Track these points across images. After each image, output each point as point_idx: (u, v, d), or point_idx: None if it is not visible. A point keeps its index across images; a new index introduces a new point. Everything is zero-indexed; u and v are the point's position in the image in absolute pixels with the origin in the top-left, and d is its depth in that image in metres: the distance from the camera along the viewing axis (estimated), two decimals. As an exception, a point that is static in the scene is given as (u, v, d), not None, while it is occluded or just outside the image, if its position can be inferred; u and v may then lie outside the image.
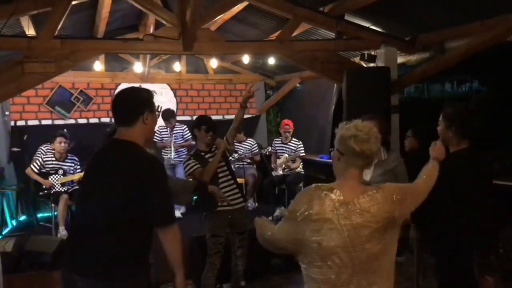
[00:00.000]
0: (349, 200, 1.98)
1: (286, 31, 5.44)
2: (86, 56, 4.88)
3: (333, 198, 1.98)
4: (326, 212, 1.95)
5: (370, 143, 2.02)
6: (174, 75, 8.54)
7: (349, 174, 2.06)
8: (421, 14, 5.14)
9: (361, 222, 1.96)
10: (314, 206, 1.96)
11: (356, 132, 2.01)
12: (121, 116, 2.36)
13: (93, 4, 5.64)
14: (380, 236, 1.99)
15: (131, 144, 2.31)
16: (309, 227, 1.96)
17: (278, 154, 7.18)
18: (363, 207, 1.98)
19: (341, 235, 1.94)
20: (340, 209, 1.96)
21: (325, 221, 1.95)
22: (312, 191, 2.02)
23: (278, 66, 8.14)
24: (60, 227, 5.83)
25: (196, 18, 4.58)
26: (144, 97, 2.39)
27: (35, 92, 7.47)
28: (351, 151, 2.02)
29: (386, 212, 2.00)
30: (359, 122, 2.08)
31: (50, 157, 6.22)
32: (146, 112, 2.33)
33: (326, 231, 1.94)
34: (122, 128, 2.35)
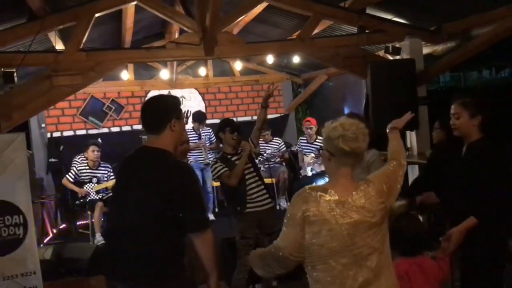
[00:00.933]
0: (344, 199, 1.99)
1: (307, 29, 5.42)
2: (111, 67, 5.00)
3: (328, 199, 1.98)
4: (323, 213, 1.95)
5: (359, 141, 2.01)
6: (201, 80, 8.63)
7: (341, 173, 2.05)
8: (445, 3, 5.01)
9: (359, 219, 1.97)
10: (310, 208, 1.96)
11: (343, 132, 2.00)
12: (149, 124, 2.40)
13: (117, 15, 5.78)
14: (378, 229, 2.01)
15: (161, 151, 2.34)
16: (308, 229, 1.96)
17: (304, 153, 7.14)
18: (358, 204, 1.99)
19: (341, 235, 1.95)
20: (336, 209, 1.96)
21: (323, 223, 1.95)
22: (307, 193, 2.01)
23: (304, 64, 8.10)
24: (97, 234, 6.01)
25: (215, 22, 4.63)
26: (170, 104, 2.43)
27: (68, 104, 7.72)
28: (340, 151, 2.01)
29: (380, 204, 2.03)
30: (345, 120, 2.06)
31: (84, 166, 6.42)
32: (174, 119, 2.36)
33: (326, 232, 1.95)
34: (151, 135, 2.39)
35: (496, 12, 4.61)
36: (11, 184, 4.24)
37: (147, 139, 2.44)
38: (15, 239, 4.22)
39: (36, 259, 4.37)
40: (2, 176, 4.19)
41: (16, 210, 4.22)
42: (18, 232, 4.23)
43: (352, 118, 3.08)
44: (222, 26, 5.02)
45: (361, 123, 2.07)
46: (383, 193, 2.06)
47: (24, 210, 4.28)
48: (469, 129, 2.95)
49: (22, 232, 4.26)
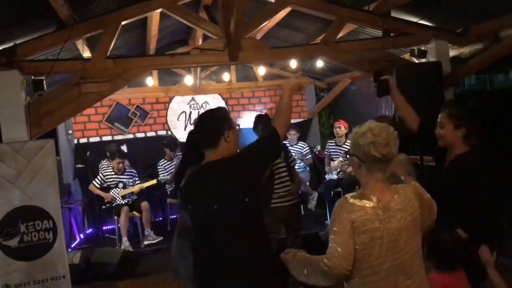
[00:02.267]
0: (387, 204, 1.95)
1: (331, 33, 5.39)
2: (137, 74, 5.07)
3: (373, 205, 1.93)
4: (372, 221, 1.90)
5: (390, 146, 1.95)
6: (225, 85, 8.68)
7: (375, 179, 1.99)
8: (471, 4, 4.93)
9: (403, 223, 1.93)
10: (358, 217, 1.90)
11: (374, 138, 1.94)
12: (205, 142, 2.42)
13: (142, 22, 5.86)
14: (417, 232, 1.99)
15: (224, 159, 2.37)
16: (358, 239, 1.89)
17: (332, 157, 7.08)
18: (400, 207, 1.95)
19: (389, 240, 1.90)
20: (382, 215, 1.91)
21: (373, 231, 1.89)
22: (350, 203, 1.94)
23: (327, 68, 8.07)
24: (123, 238, 6.08)
25: (239, 28, 4.65)
26: (219, 118, 2.43)
27: (94, 110, 7.85)
28: (372, 158, 1.95)
29: (417, 207, 2.00)
30: (374, 125, 1.99)
31: (110, 172, 6.51)
32: (226, 131, 2.38)
33: (376, 240, 1.89)
34: (209, 150, 2.41)
35: (526, 13, 4.52)
36: (41, 190, 4.33)
37: (206, 155, 2.44)
38: (45, 243, 4.31)
39: (65, 264, 4.45)
40: (33, 182, 4.30)
41: (46, 215, 4.32)
42: (48, 236, 4.33)
43: (381, 120, 3.07)
44: (246, 32, 5.04)
45: (390, 127, 2.00)
46: (417, 197, 2.04)
47: (54, 215, 4.37)
48: (453, 140, 2.93)
49: (52, 237, 4.35)
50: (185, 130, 8.53)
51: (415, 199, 2.02)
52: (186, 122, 8.60)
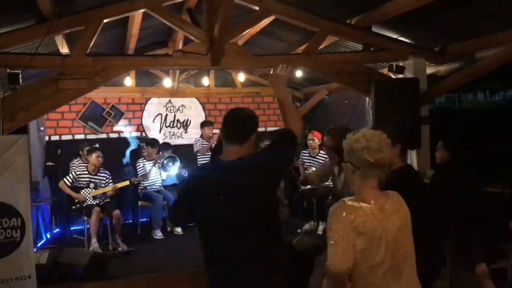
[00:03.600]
0: (382, 207, 2.00)
1: (313, 44, 5.46)
2: (117, 73, 5.01)
3: (370, 207, 1.97)
4: (371, 222, 1.94)
5: (383, 151, 2.00)
6: (203, 89, 8.65)
7: (369, 184, 2.03)
8: (450, 24, 5.08)
9: (399, 224, 1.99)
10: (358, 218, 1.94)
11: (367, 143, 1.99)
12: (237, 135, 2.39)
13: (124, 21, 5.79)
14: (410, 235, 2.04)
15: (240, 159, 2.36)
16: (359, 240, 1.92)
17: (306, 167, 7.12)
18: (394, 209, 2.01)
19: (386, 242, 1.94)
20: (379, 215, 1.96)
21: (372, 232, 1.93)
22: (349, 204, 1.99)
23: (305, 79, 8.14)
24: (93, 239, 5.94)
25: (223, 33, 4.64)
26: (254, 118, 2.47)
27: (68, 108, 7.67)
28: (365, 163, 1.99)
29: (407, 211, 2.07)
30: (367, 132, 2.05)
31: (83, 171, 6.37)
32: (255, 133, 2.42)
33: (375, 241, 1.93)
34: (233, 145, 2.38)
35: (502, 35, 4.69)
36: (11, 186, 4.20)
37: (226, 148, 2.41)
38: (12, 242, 4.17)
39: (32, 263, 4.32)
40: (2, 178, 4.15)
41: (15, 213, 4.18)
42: (15, 235, 4.19)
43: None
44: (229, 37, 5.05)
45: (383, 134, 2.05)
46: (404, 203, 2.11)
47: (23, 213, 4.24)
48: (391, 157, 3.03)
49: (19, 236, 4.21)
50: (160, 132, 8.45)
51: (404, 203, 2.08)
52: (161, 125, 8.51)
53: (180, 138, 8.58)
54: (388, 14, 4.88)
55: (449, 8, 4.60)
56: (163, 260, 5.55)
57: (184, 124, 8.66)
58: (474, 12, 4.63)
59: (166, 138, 8.41)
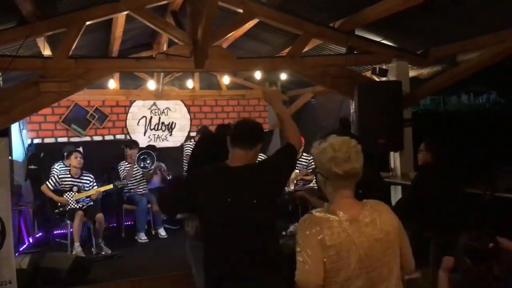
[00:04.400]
0: (354, 218, 1.85)
1: (297, 47, 5.47)
2: (99, 75, 4.97)
3: (339, 219, 1.83)
4: (339, 235, 1.80)
5: (352, 161, 1.85)
6: (188, 92, 8.63)
7: (342, 195, 1.90)
8: (432, 28, 5.14)
9: (373, 237, 1.83)
10: (324, 231, 1.81)
11: (334, 153, 1.85)
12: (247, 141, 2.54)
13: (107, 24, 5.75)
14: (392, 250, 1.88)
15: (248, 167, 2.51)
16: (325, 254, 1.79)
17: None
18: (369, 221, 1.86)
19: (359, 255, 1.80)
20: (349, 229, 1.82)
21: (340, 245, 1.80)
22: (316, 217, 1.87)
23: (290, 81, 8.16)
24: (76, 244, 5.87)
25: (207, 36, 4.64)
26: (262, 130, 2.67)
27: (51, 111, 7.60)
28: (334, 175, 1.86)
29: (390, 225, 1.89)
30: (335, 140, 1.90)
31: (66, 174, 6.30)
32: (261, 143, 2.59)
33: (344, 254, 1.79)
34: (240, 150, 2.52)
35: (482, 39, 4.76)
36: (-9, 190, 4.15)
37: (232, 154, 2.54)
38: (-8, 246, 4.12)
39: (12, 268, 4.27)
40: (-18, 182, 4.10)
41: (-5, 217, 4.12)
42: (-5, 239, 4.13)
43: (343, 131, 3.16)
44: (213, 40, 5.05)
45: (352, 141, 1.90)
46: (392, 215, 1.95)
47: (3, 217, 4.19)
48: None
49: (0, 239, 4.16)
50: (144, 135, 8.40)
51: (386, 215, 1.92)
52: (146, 127, 8.47)
53: (165, 141, 8.55)
54: (371, 17, 4.92)
55: (431, 13, 4.65)
56: (147, 264, 5.50)
57: (169, 127, 8.63)
58: (456, 16, 4.70)
59: (150, 141, 8.37)
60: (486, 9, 4.42)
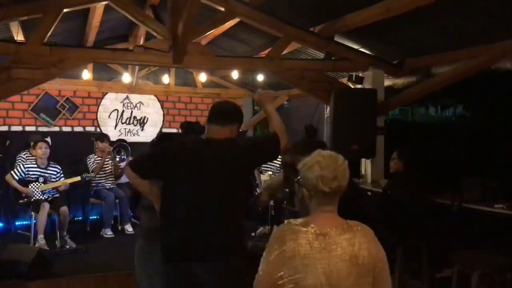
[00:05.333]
0: (325, 232, 1.80)
1: (276, 49, 5.49)
2: (74, 64, 4.86)
3: (307, 231, 1.80)
4: (301, 247, 1.77)
5: (339, 179, 1.83)
6: (162, 87, 8.52)
7: (324, 209, 1.88)
8: (409, 39, 5.24)
9: (338, 256, 1.77)
10: (287, 242, 1.78)
11: (321, 172, 1.82)
12: (220, 117, 2.63)
13: (84, 12, 5.63)
14: (362, 277, 1.78)
15: (225, 139, 2.60)
16: (284, 266, 1.76)
17: (261, 170, 7.16)
18: (340, 239, 1.80)
19: (318, 271, 1.74)
20: (314, 242, 1.78)
21: (300, 257, 1.76)
22: (285, 228, 1.85)
23: (266, 83, 8.17)
24: (39, 236, 5.71)
25: (188, 32, 4.59)
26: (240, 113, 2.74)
27: (20, 98, 7.37)
28: (320, 192, 1.84)
29: (368, 251, 1.80)
30: (321, 158, 1.86)
31: (32, 164, 6.12)
32: (237, 124, 2.67)
33: (302, 267, 1.75)
34: (216, 126, 2.61)
35: (457, 53, 4.87)
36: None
37: (208, 129, 2.63)
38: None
39: (-29, 259, 4.11)
40: None
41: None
42: (-45, 228, 3.97)
43: (310, 140, 3.19)
44: (193, 36, 5.00)
45: (340, 158, 1.89)
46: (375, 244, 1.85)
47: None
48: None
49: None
50: (115, 129, 8.25)
51: (368, 241, 1.83)
52: (117, 121, 8.32)
53: (136, 135, 8.43)
54: (351, 24, 4.98)
55: (409, 24, 4.75)
56: (112, 259, 5.39)
57: (141, 122, 8.51)
58: (432, 29, 4.81)
59: (121, 134, 8.23)
60: (460, 25, 4.53)
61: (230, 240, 2.53)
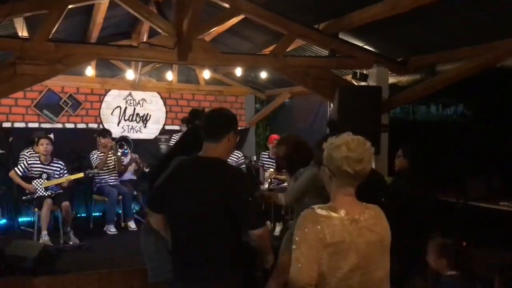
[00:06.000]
0: (356, 217, 1.85)
1: (281, 46, 5.48)
2: (79, 61, 4.85)
3: (340, 217, 1.82)
4: (339, 233, 1.79)
5: (364, 163, 1.86)
6: (165, 84, 8.51)
7: (345, 192, 1.91)
8: (413, 37, 5.23)
9: (371, 239, 1.84)
10: (324, 228, 1.79)
11: (348, 153, 1.83)
12: (212, 132, 2.57)
13: (88, 9, 5.62)
14: (386, 256, 1.88)
15: (217, 160, 2.54)
16: (324, 253, 1.78)
17: (265, 167, 7.17)
18: (370, 223, 1.86)
19: (357, 256, 1.80)
20: (350, 227, 1.81)
21: (340, 244, 1.78)
22: (316, 213, 1.84)
23: (269, 80, 8.18)
24: (43, 232, 5.73)
25: (192, 28, 4.59)
26: (232, 117, 2.66)
27: (23, 94, 7.37)
28: (344, 173, 1.85)
29: (386, 231, 1.92)
30: (350, 139, 1.88)
31: (35, 160, 6.12)
32: (232, 132, 2.58)
33: (342, 253, 1.78)
34: (210, 143, 2.56)
35: (461, 51, 4.87)
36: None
37: (203, 148, 2.58)
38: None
39: (-23, 254, 4.12)
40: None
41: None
42: (-40, 224, 3.98)
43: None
44: (198, 33, 4.99)
45: (367, 142, 1.91)
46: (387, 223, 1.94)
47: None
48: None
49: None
50: (118, 126, 8.25)
51: (385, 221, 1.93)
52: (120, 118, 8.32)
53: (138, 132, 8.42)
54: (355, 22, 4.96)
55: (414, 22, 4.74)
56: (115, 256, 5.41)
57: (144, 119, 8.51)
58: (436, 27, 4.79)
59: (124, 131, 8.22)
60: (464, 22, 4.52)
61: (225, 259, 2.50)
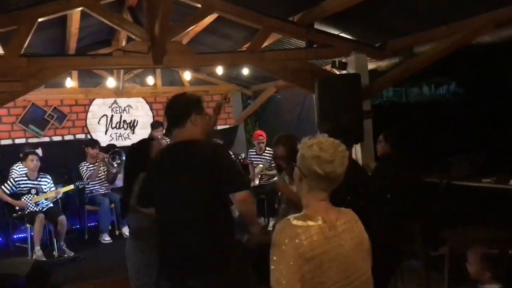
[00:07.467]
0: (333, 223, 1.76)
1: (257, 42, 5.46)
2: (53, 74, 4.82)
3: (318, 225, 1.72)
4: (319, 244, 1.68)
5: (335, 164, 1.76)
6: (149, 89, 8.49)
7: (318, 197, 1.81)
8: (389, 20, 5.21)
9: (352, 244, 1.76)
10: (303, 241, 1.66)
11: (320, 153, 1.75)
12: (173, 120, 2.53)
13: (61, 20, 5.59)
14: (367, 257, 1.82)
15: (189, 142, 2.46)
16: (306, 267, 1.65)
17: (254, 165, 7.16)
18: (347, 227, 1.78)
19: (341, 263, 1.71)
20: (329, 234, 1.72)
21: (322, 255, 1.68)
22: (293, 225, 1.71)
23: (253, 76, 8.15)
24: (36, 247, 5.71)
25: (164, 31, 4.57)
26: (189, 100, 2.57)
27: (7, 111, 7.36)
28: (313, 173, 1.77)
29: (364, 234, 1.84)
30: (324, 140, 1.81)
31: (23, 176, 6.10)
32: (194, 114, 2.48)
33: (327, 264, 1.68)
34: (175, 130, 2.51)
35: (437, 30, 4.85)
36: None
37: (174, 134, 2.53)
38: None
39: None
40: None
41: None
42: None
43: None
44: (171, 35, 4.97)
45: (342, 146, 1.82)
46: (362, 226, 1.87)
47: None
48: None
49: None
50: (106, 134, 8.23)
51: (360, 222, 1.85)
52: (107, 126, 8.30)
53: (127, 139, 8.39)
54: (328, 10, 4.94)
55: (387, 5, 4.72)
56: (110, 265, 5.39)
57: (131, 125, 8.49)
58: (411, 8, 4.77)
59: (112, 139, 8.20)
60: (437, 1, 4.50)
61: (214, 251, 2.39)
